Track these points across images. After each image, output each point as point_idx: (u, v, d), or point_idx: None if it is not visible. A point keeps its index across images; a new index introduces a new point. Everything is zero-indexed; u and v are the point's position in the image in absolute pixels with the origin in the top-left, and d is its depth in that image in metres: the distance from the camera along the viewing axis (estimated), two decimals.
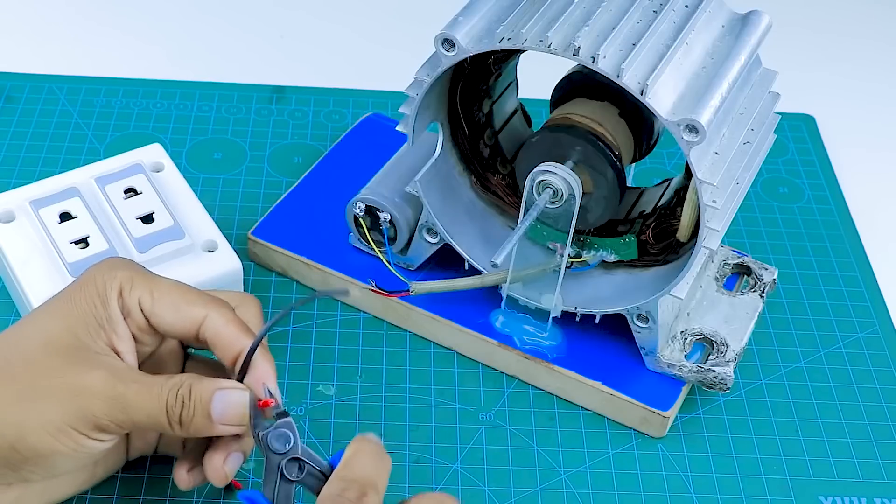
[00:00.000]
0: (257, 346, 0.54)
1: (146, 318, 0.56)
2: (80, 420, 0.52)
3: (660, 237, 0.67)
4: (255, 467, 0.63)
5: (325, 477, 0.52)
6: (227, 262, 0.69)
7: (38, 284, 0.66)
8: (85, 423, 0.52)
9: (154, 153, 0.74)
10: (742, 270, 0.72)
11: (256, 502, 0.52)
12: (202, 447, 0.57)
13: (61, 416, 0.51)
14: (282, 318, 0.55)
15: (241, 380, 0.54)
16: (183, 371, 0.59)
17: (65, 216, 0.69)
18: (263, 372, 0.55)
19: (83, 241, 0.68)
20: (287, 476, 0.52)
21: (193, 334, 0.56)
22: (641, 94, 0.57)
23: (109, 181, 0.71)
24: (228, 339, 0.55)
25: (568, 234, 0.64)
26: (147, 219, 0.69)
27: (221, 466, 0.56)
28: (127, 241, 0.68)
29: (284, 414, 0.53)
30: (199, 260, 0.69)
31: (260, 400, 0.53)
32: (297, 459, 0.53)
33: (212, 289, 0.60)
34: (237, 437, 0.56)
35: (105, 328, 0.54)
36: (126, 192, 0.71)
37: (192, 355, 0.61)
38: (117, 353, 0.55)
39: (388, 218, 0.69)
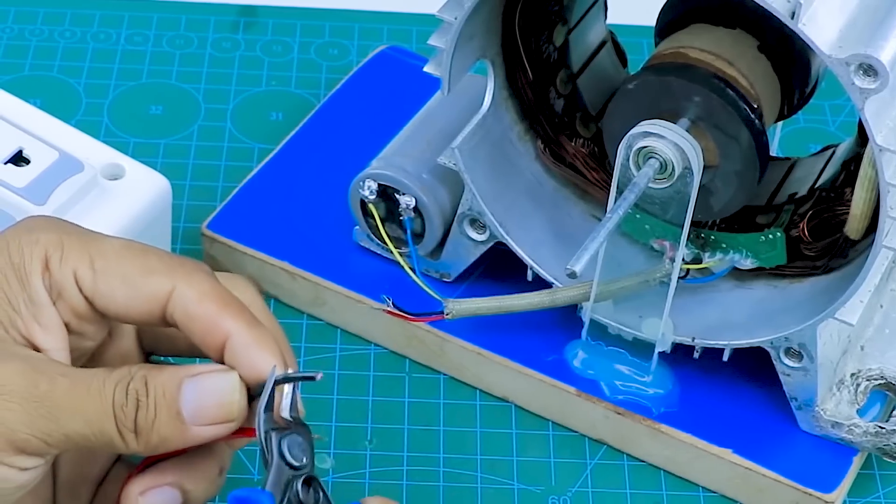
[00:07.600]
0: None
1: (87, 300, 0.54)
2: None
3: (819, 233, 0.67)
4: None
5: None
6: (149, 185, 0.70)
7: None
8: None
9: None
10: None
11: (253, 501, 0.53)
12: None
13: None
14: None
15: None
16: None
17: None
18: (270, 350, 0.54)
19: None
20: (301, 498, 0.53)
21: (158, 317, 0.55)
22: (792, 17, 0.57)
23: None
24: (208, 320, 0.53)
25: (682, 228, 0.64)
26: (17, 160, 0.69)
27: (135, 499, 0.54)
28: (11, 197, 0.68)
29: (300, 422, 0.54)
30: (111, 195, 0.69)
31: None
32: (311, 480, 0.53)
33: (143, 229, 0.63)
34: (184, 461, 0.55)
35: (22, 315, 0.54)
36: None
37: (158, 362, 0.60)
38: (38, 352, 0.54)
39: (413, 204, 0.70)
